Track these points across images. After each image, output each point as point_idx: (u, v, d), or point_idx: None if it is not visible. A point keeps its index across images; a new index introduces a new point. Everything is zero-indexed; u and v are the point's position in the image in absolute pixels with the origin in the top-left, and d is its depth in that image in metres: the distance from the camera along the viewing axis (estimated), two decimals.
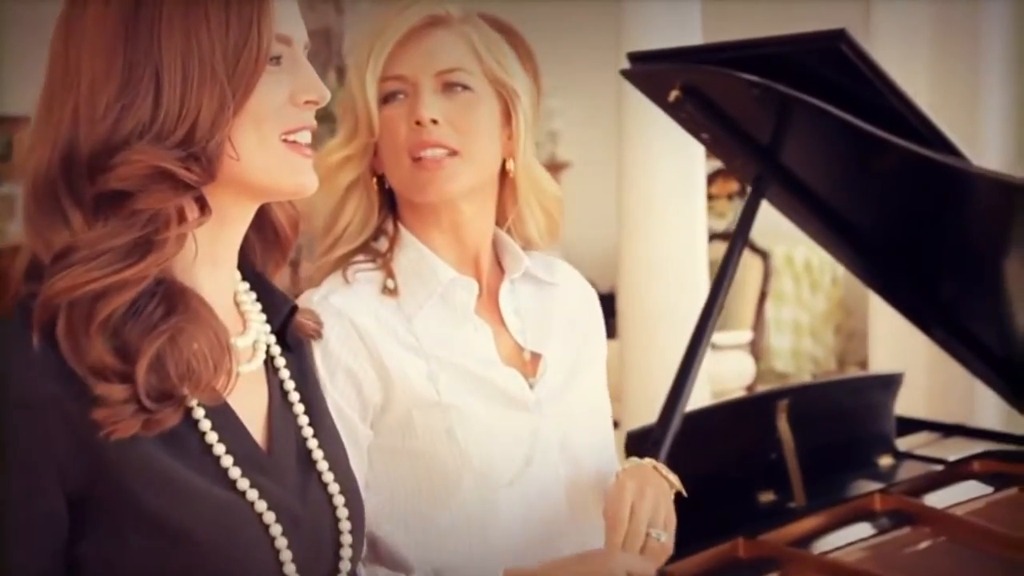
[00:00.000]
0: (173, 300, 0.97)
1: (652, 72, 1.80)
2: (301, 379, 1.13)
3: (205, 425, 0.98)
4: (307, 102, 1.01)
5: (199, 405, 0.98)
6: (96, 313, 0.92)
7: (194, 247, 0.99)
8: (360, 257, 1.42)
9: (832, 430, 1.98)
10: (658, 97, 1.73)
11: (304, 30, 1.04)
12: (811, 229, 2.03)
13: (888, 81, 1.58)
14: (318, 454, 1.09)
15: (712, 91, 1.69)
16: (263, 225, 1.11)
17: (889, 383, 2.09)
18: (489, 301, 1.45)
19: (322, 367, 1.29)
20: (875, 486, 1.90)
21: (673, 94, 1.67)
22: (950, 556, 1.71)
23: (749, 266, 5.57)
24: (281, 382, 1.10)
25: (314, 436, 1.10)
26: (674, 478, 1.39)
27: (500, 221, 1.47)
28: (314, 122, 1.03)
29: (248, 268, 1.12)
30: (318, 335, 1.20)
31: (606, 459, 1.49)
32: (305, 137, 1.02)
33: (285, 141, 1.00)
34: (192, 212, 0.98)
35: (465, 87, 1.38)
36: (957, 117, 3.35)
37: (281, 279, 1.16)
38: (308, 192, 1.04)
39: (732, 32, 1.92)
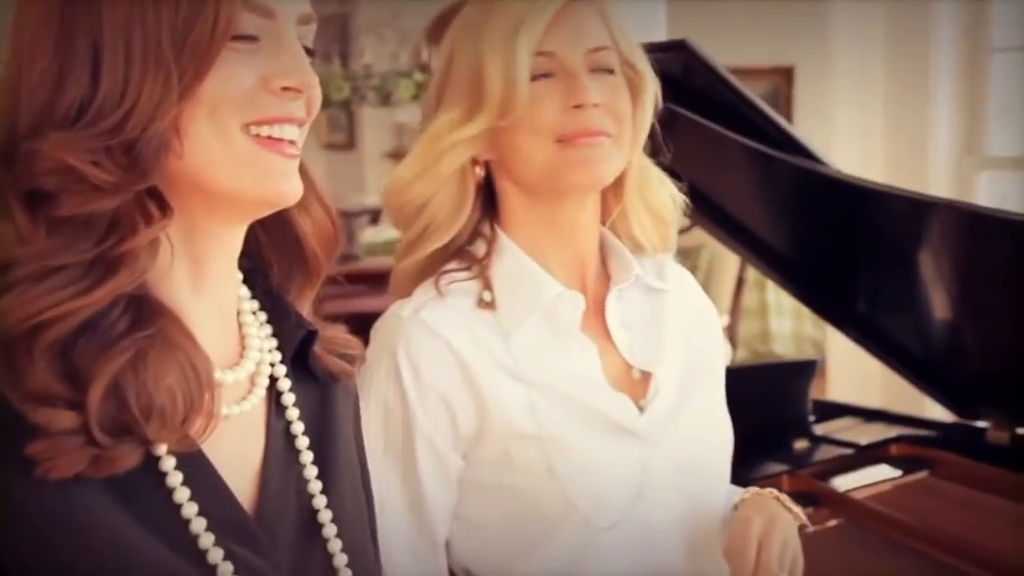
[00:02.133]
0: (140, 313, 0.78)
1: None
2: (318, 421, 0.93)
3: (174, 479, 0.78)
4: (285, 88, 0.81)
5: (169, 453, 0.78)
6: (42, 339, 0.74)
7: (169, 259, 0.82)
8: (453, 264, 1.25)
9: (749, 414, 2.06)
10: None
11: (305, 2, 0.85)
12: (716, 234, 2.13)
13: (736, 88, 1.67)
14: (325, 516, 0.89)
15: None
16: (285, 239, 0.92)
17: (805, 369, 2.19)
18: (594, 313, 1.27)
19: (413, 391, 1.17)
20: (786, 468, 1.98)
21: None
22: (848, 538, 1.78)
23: (725, 253, 5.64)
24: (287, 424, 0.90)
25: (323, 492, 0.89)
26: (798, 510, 1.24)
27: (602, 220, 1.31)
28: (300, 113, 0.83)
29: (262, 286, 0.93)
30: (346, 374, 0.97)
31: (726, 491, 1.32)
32: (286, 132, 0.82)
33: (253, 135, 0.80)
34: (155, 212, 0.79)
35: (610, 70, 1.23)
36: (910, 105, 3.43)
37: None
38: (289, 201, 0.83)
39: (697, 31, 1.99)
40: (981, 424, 2.14)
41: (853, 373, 3.27)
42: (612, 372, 1.25)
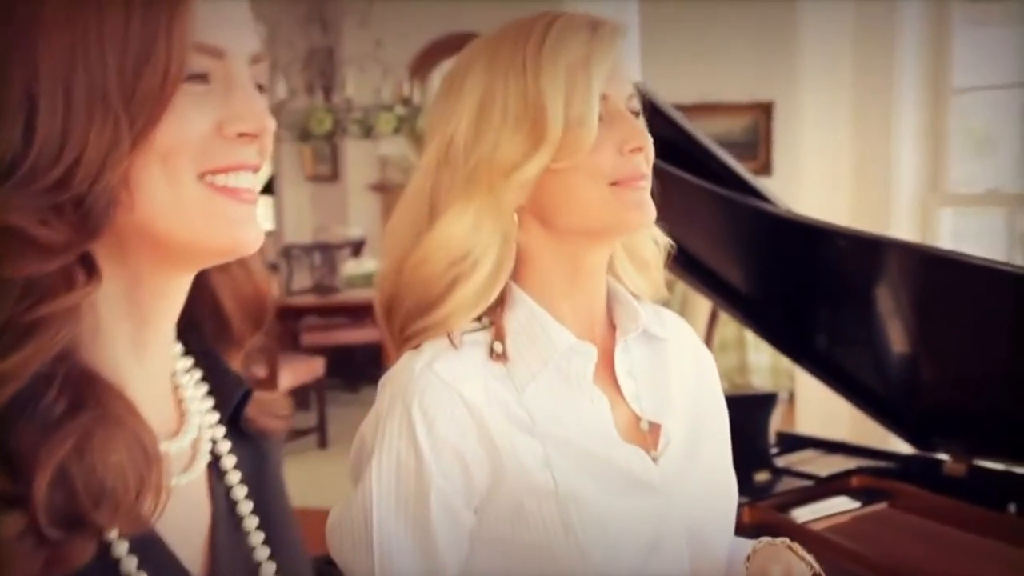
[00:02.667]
0: (80, 390, 0.71)
1: None
2: (257, 481, 0.88)
3: (129, 565, 0.73)
4: (241, 135, 0.76)
5: (120, 538, 0.73)
6: None
7: (109, 323, 0.75)
8: None
9: None
10: None
11: (253, 39, 0.78)
12: (676, 271, 2.18)
13: (687, 131, 1.73)
14: None
15: None
16: (203, 302, 0.87)
17: (765, 402, 2.24)
18: (603, 364, 1.23)
19: (428, 446, 1.12)
20: (746, 500, 2.00)
21: None
22: None
23: None
24: (228, 490, 0.85)
25: (271, 558, 0.86)
26: (811, 558, 1.22)
27: None
28: (256, 159, 0.78)
29: (195, 341, 0.88)
30: (279, 434, 0.93)
31: (733, 544, 1.29)
32: (242, 180, 0.77)
33: (209, 184, 0.75)
34: (79, 276, 0.72)
35: (638, 112, 1.21)
36: (876, 142, 3.51)
37: None
38: (248, 249, 0.78)
39: (669, 33, 2.07)
40: (940, 456, 2.19)
41: (822, 406, 3.31)
42: (622, 424, 1.22)
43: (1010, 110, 3.55)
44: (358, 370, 6.97)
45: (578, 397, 1.20)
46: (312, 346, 6.52)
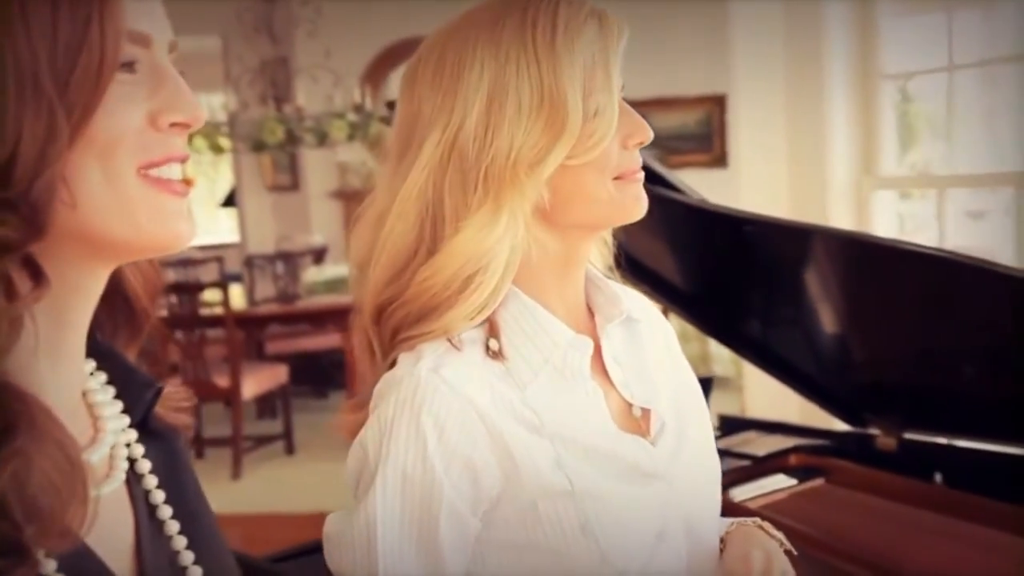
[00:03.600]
0: (10, 412, 0.66)
1: None
2: (173, 481, 0.85)
3: None
4: (173, 124, 0.74)
5: (47, 556, 0.69)
6: None
7: (33, 335, 0.68)
8: None
9: None
10: None
11: (168, 28, 0.76)
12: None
13: None
14: None
15: None
16: (114, 296, 0.83)
17: (702, 385, 2.29)
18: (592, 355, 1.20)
19: (437, 455, 1.07)
20: None
21: None
22: None
23: None
24: (147, 494, 0.82)
25: (196, 563, 0.83)
26: (780, 535, 1.22)
27: None
28: (186, 151, 0.76)
29: (94, 342, 0.82)
30: (187, 427, 0.90)
31: (719, 526, 1.26)
32: (174, 172, 0.75)
33: (145, 177, 0.73)
34: (23, 284, 0.67)
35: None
36: (810, 129, 3.58)
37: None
38: (183, 244, 0.75)
39: (627, 62, 2.12)
40: (872, 432, 2.27)
41: (769, 389, 3.39)
42: (616, 414, 1.19)
43: (944, 93, 3.65)
44: (325, 376, 7.00)
45: (575, 392, 1.16)
46: (277, 354, 6.55)
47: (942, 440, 2.16)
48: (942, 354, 2.05)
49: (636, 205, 1.16)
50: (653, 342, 1.27)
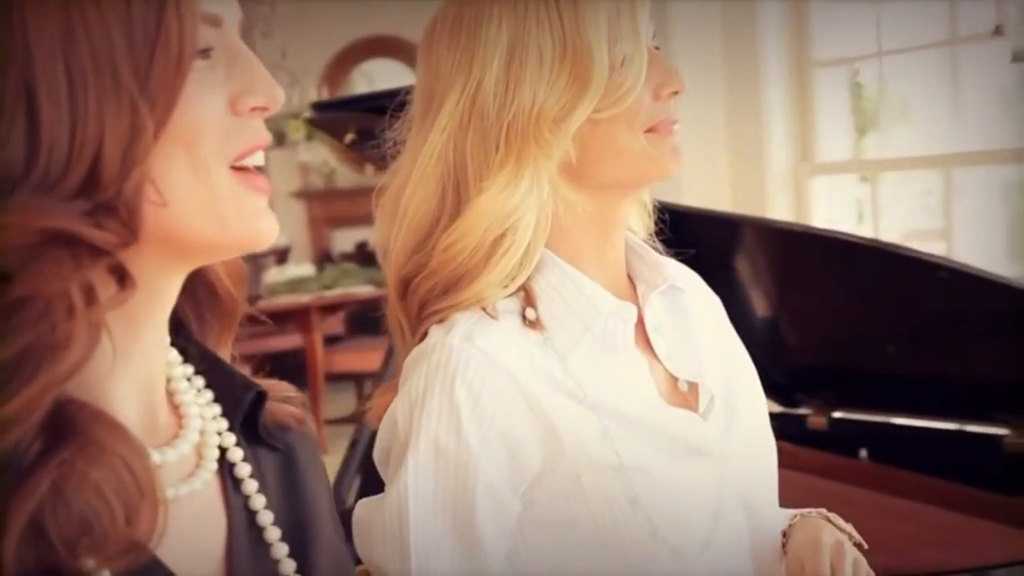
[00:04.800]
0: (61, 422, 0.62)
1: (331, 119, 2.11)
2: (283, 488, 0.79)
3: None
4: (254, 109, 0.69)
5: (114, 572, 0.63)
6: None
7: (108, 340, 0.64)
8: None
9: None
10: (339, 138, 2.04)
11: (237, 6, 0.71)
12: None
13: None
14: None
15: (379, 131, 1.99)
16: (196, 286, 0.77)
17: None
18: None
19: (473, 431, 1.01)
20: None
21: (348, 137, 1.96)
22: None
23: None
24: (246, 500, 0.76)
25: (298, 572, 0.76)
26: (851, 528, 1.13)
27: None
28: (267, 136, 0.71)
29: (194, 345, 0.79)
30: (298, 420, 0.84)
31: (777, 507, 1.19)
32: (258, 160, 0.71)
33: (235, 170, 0.68)
34: (107, 288, 0.64)
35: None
36: (748, 117, 3.66)
37: None
38: (267, 242, 0.71)
39: None
40: (803, 412, 2.35)
41: None
42: (662, 387, 1.12)
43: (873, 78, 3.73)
44: (285, 378, 7.01)
45: (617, 362, 1.09)
46: (239, 355, 6.55)
47: (871, 417, 2.25)
48: (867, 335, 2.13)
49: (672, 159, 1.08)
50: (700, 314, 1.19)
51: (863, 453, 2.18)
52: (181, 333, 0.78)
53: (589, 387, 1.05)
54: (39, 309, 0.59)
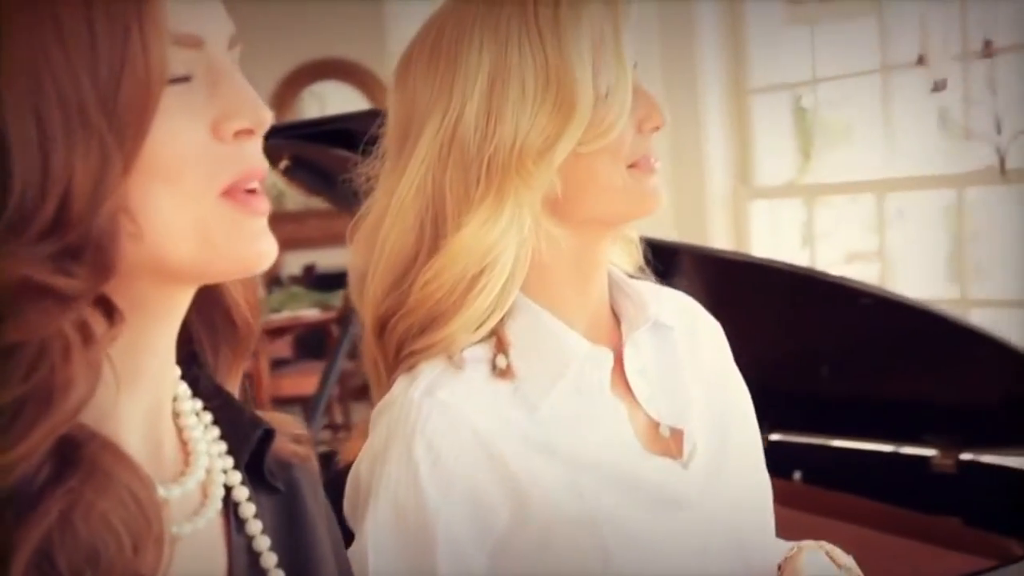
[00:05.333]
0: (69, 450, 0.61)
1: (265, 146, 2.17)
2: (285, 530, 0.77)
3: None
4: (239, 132, 0.65)
5: None
6: None
7: (110, 369, 0.63)
8: None
9: None
10: (274, 165, 2.08)
11: (227, 22, 0.68)
12: None
13: None
14: None
15: (315, 160, 2.00)
16: (206, 307, 0.75)
17: None
18: (614, 367, 1.08)
19: (433, 487, 0.98)
20: None
21: (283, 164, 1.98)
22: None
23: None
24: (250, 541, 0.74)
25: None
26: (849, 560, 1.08)
27: None
28: (262, 164, 0.68)
29: (204, 379, 0.77)
30: (302, 458, 0.81)
31: (773, 542, 1.15)
32: (254, 183, 0.67)
33: (226, 197, 0.66)
34: (98, 325, 0.62)
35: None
36: (688, 141, 3.71)
37: None
38: (265, 264, 0.68)
39: None
40: None
41: None
42: (642, 433, 1.07)
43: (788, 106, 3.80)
44: None
45: (594, 409, 1.05)
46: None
47: (805, 439, 2.28)
48: (800, 359, 2.17)
49: (653, 198, 1.05)
50: (693, 349, 1.14)
51: (797, 475, 2.21)
52: (192, 365, 0.76)
53: (560, 437, 1.02)
54: (34, 352, 0.59)
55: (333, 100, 6.68)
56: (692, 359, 1.13)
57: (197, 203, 0.64)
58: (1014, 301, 3.41)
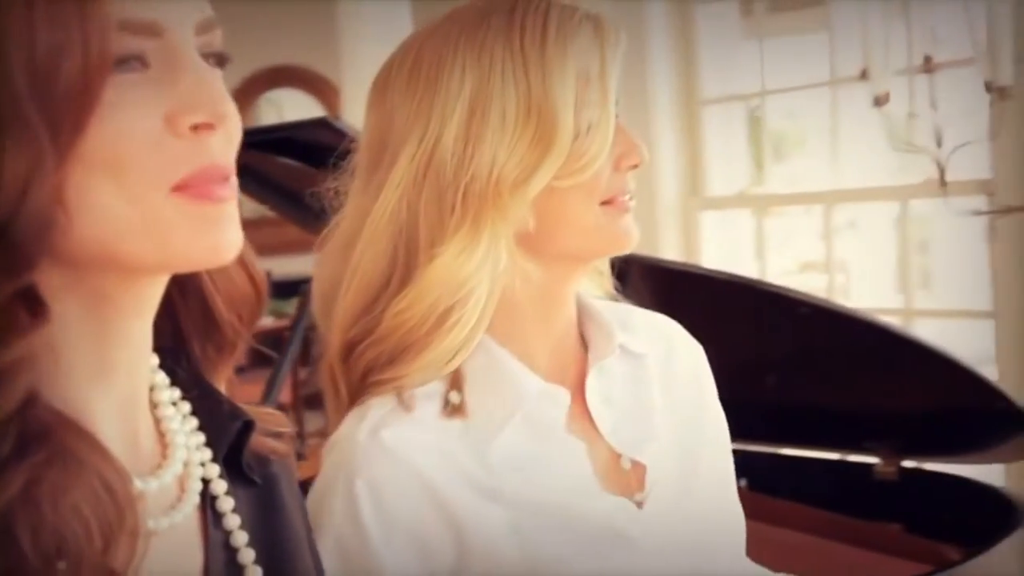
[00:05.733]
0: (28, 430, 0.59)
1: None
2: (263, 524, 0.76)
3: None
4: (197, 127, 0.62)
5: None
6: None
7: (75, 359, 0.63)
8: None
9: None
10: None
11: (196, 7, 0.65)
12: None
13: None
14: None
15: (262, 169, 2.00)
16: (192, 300, 0.73)
17: None
18: (576, 398, 1.06)
19: (377, 530, 0.97)
20: None
21: None
22: None
23: None
24: (227, 536, 0.72)
25: None
26: None
27: None
28: (225, 161, 0.64)
29: (185, 368, 0.75)
30: (280, 454, 0.80)
31: (744, 567, 1.15)
32: (216, 178, 0.64)
33: (179, 192, 0.62)
34: (21, 317, 0.60)
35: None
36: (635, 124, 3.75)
37: None
38: (228, 256, 0.65)
39: None
40: None
41: None
42: (601, 467, 1.05)
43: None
44: None
45: (546, 448, 1.03)
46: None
47: (750, 447, 2.31)
48: (745, 368, 2.19)
49: (625, 237, 1.04)
50: (668, 376, 1.12)
51: (743, 483, 2.23)
52: (171, 355, 0.74)
53: (507, 478, 1.01)
54: None
55: (290, 107, 6.65)
56: (665, 387, 1.11)
57: (145, 198, 0.61)
58: (957, 311, 3.47)
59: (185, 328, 0.74)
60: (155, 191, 0.61)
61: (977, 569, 1.64)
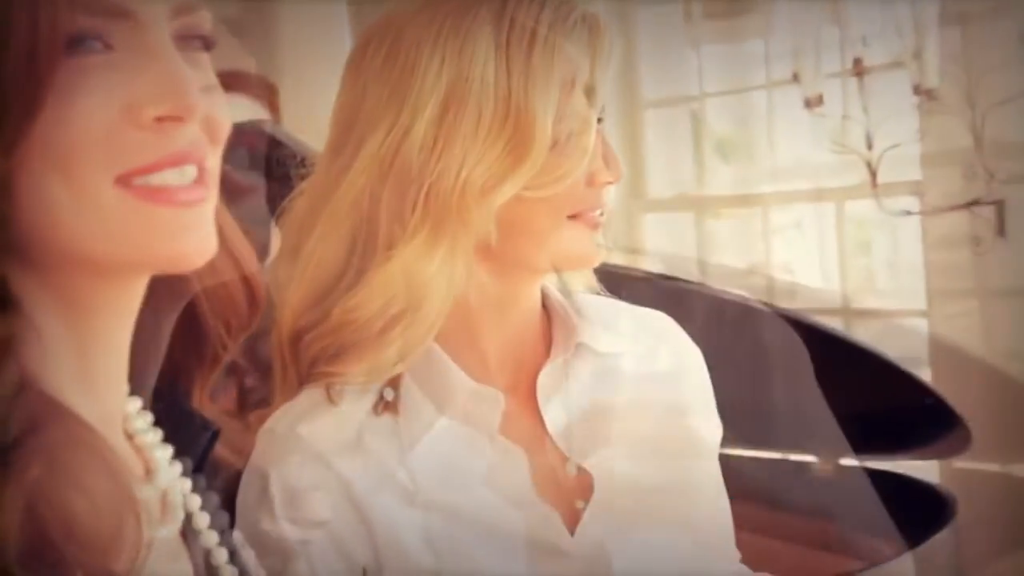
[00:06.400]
0: (35, 410, 0.56)
1: None
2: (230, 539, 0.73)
3: None
4: (160, 119, 0.58)
5: None
6: None
7: (47, 357, 0.59)
8: None
9: None
10: None
11: None
12: None
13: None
14: None
15: None
16: (183, 308, 0.70)
17: None
18: (527, 396, 1.03)
19: (286, 524, 0.95)
20: None
21: None
22: None
23: None
24: (207, 553, 0.70)
25: None
26: None
27: None
28: (192, 147, 0.59)
29: (155, 379, 0.71)
30: (229, 468, 0.79)
31: (731, 558, 1.12)
32: (176, 177, 0.59)
33: (127, 187, 0.58)
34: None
35: None
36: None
37: None
38: (192, 263, 0.61)
39: None
40: None
41: None
42: (542, 472, 1.01)
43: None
44: None
45: (480, 450, 1.00)
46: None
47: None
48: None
49: (588, 255, 1.00)
50: (645, 376, 1.08)
51: None
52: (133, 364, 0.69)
53: (428, 481, 0.97)
54: None
55: (236, 112, 6.60)
56: (640, 388, 1.07)
57: (89, 192, 0.57)
58: (895, 311, 3.52)
59: (172, 334, 0.70)
60: (99, 182, 0.57)
61: (911, 563, 1.67)
